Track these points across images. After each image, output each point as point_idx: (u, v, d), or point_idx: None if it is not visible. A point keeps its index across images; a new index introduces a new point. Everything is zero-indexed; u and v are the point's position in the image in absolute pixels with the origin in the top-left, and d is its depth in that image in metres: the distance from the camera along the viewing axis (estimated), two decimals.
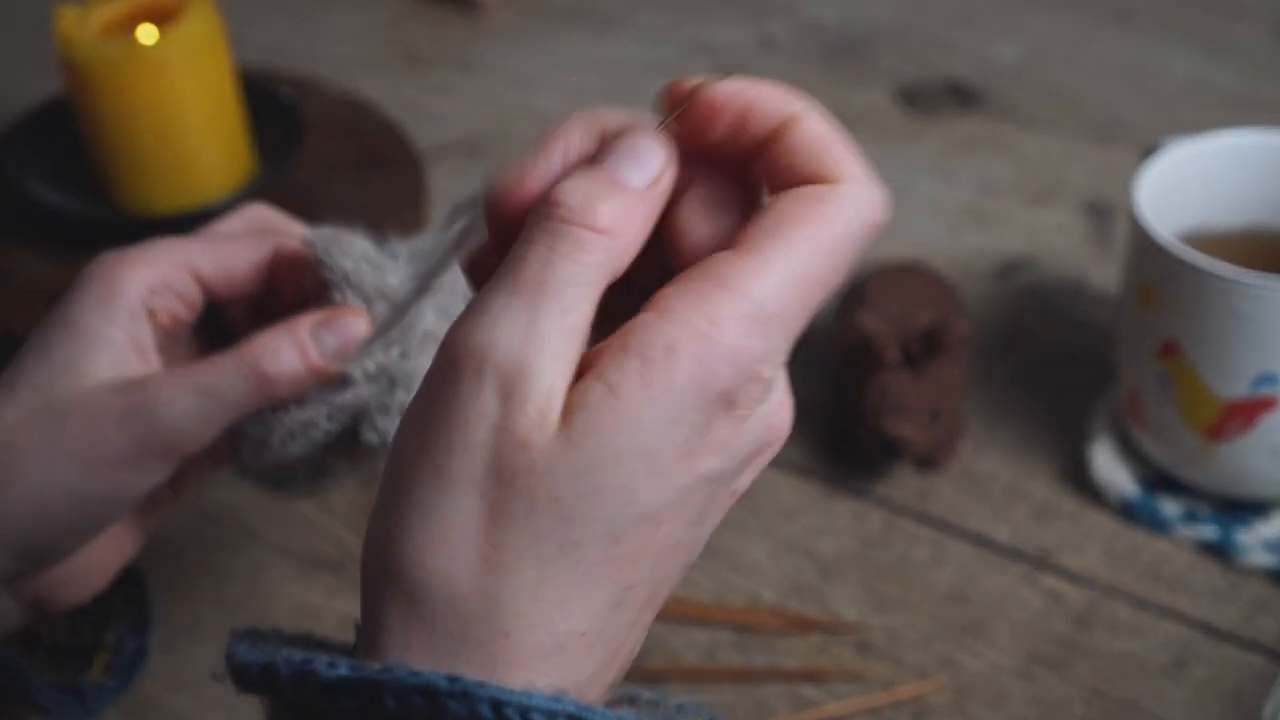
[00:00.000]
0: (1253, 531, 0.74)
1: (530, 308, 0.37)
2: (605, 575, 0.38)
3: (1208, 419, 0.72)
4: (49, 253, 0.87)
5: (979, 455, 0.80)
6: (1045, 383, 0.84)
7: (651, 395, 0.37)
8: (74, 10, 0.84)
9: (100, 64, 0.82)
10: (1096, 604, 0.73)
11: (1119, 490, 0.77)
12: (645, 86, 1.11)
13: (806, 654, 0.71)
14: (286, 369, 0.54)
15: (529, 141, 0.42)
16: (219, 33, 0.85)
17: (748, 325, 0.38)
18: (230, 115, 0.88)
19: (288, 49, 1.13)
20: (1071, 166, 1.01)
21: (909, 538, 0.76)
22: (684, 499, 0.39)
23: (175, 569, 0.75)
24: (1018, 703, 0.69)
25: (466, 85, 1.10)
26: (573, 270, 0.38)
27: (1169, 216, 0.74)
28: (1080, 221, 0.96)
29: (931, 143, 1.03)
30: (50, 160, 0.90)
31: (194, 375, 0.54)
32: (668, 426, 0.37)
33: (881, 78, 1.10)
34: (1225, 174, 0.77)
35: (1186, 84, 1.08)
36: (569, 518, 0.37)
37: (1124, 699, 0.69)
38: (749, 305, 0.38)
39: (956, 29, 1.14)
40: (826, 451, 0.81)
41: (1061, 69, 1.10)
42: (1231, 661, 0.70)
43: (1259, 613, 0.72)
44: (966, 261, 0.93)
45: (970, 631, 0.72)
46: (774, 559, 0.76)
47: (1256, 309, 0.68)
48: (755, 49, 1.13)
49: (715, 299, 0.38)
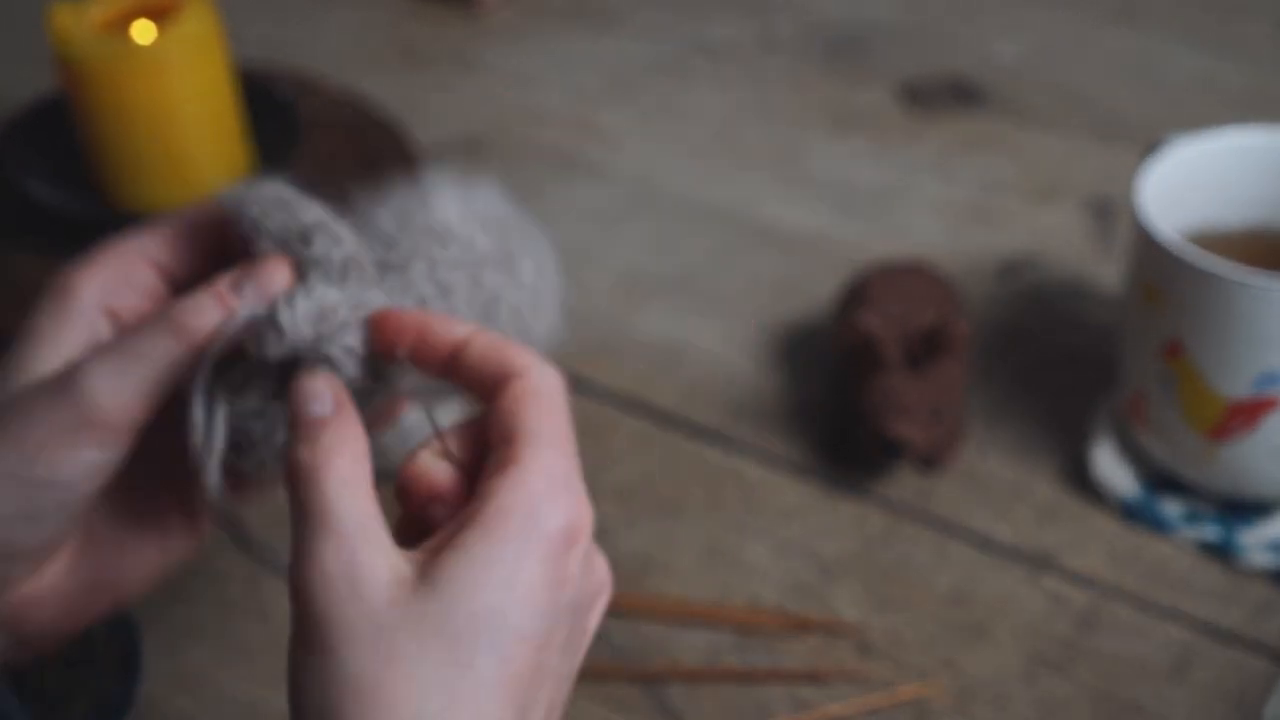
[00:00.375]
0: (1255, 532, 0.74)
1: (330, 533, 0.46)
2: (505, 694, 0.45)
3: (1211, 419, 0.72)
4: (46, 251, 0.86)
5: (980, 455, 0.80)
6: (1047, 383, 0.84)
7: (491, 541, 0.46)
8: (70, 7, 0.84)
9: (97, 61, 0.82)
10: (1098, 605, 0.73)
11: (1120, 491, 0.77)
12: (645, 85, 1.11)
13: (807, 655, 0.71)
14: (207, 319, 0.53)
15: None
16: (216, 30, 0.85)
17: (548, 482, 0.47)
18: (228, 113, 0.87)
19: (286, 46, 1.13)
20: (1074, 165, 1.01)
21: (910, 539, 0.76)
22: (554, 625, 0.46)
23: (176, 570, 0.74)
24: (1019, 704, 0.69)
25: (466, 84, 1.10)
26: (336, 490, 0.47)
27: (1172, 215, 0.74)
28: (1083, 220, 0.96)
29: (933, 141, 1.03)
30: (47, 158, 0.90)
31: (117, 341, 0.53)
32: (518, 561, 0.45)
33: (883, 76, 1.10)
34: (1229, 172, 0.77)
35: (1190, 82, 1.08)
36: (458, 642, 0.45)
37: (1126, 700, 0.69)
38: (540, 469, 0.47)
39: (958, 27, 1.14)
40: (827, 452, 0.81)
41: (1064, 67, 1.10)
42: (1234, 663, 0.70)
43: (1262, 614, 0.72)
44: (968, 261, 0.93)
45: (971, 633, 0.72)
46: (775, 560, 0.76)
47: (1260, 309, 0.68)
48: (756, 47, 1.13)
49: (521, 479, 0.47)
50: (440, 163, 1.01)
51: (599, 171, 1.02)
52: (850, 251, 0.94)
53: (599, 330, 0.89)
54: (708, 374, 0.86)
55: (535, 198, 0.99)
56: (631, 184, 1.01)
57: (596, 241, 0.96)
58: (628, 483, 0.80)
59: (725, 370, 0.86)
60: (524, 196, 0.99)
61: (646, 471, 0.80)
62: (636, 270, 0.93)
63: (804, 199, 0.99)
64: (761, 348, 0.88)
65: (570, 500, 0.47)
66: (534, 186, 1.00)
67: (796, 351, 0.87)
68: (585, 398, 0.85)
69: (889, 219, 0.97)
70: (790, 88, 1.09)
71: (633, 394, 0.85)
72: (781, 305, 0.90)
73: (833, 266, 0.92)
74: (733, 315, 0.90)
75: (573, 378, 0.86)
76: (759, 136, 1.05)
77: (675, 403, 0.84)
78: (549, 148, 1.04)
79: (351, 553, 0.45)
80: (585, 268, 0.93)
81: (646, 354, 0.88)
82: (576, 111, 1.07)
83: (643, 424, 0.83)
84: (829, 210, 0.98)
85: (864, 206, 0.98)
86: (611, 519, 0.78)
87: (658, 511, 0.78)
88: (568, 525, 0.47)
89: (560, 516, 0.47)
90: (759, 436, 0.82)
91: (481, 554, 0.45)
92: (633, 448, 0.82)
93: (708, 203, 0.99)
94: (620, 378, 0.86)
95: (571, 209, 0.98)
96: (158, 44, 0.82)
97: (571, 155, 1.03)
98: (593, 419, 0.83)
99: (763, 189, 1.00)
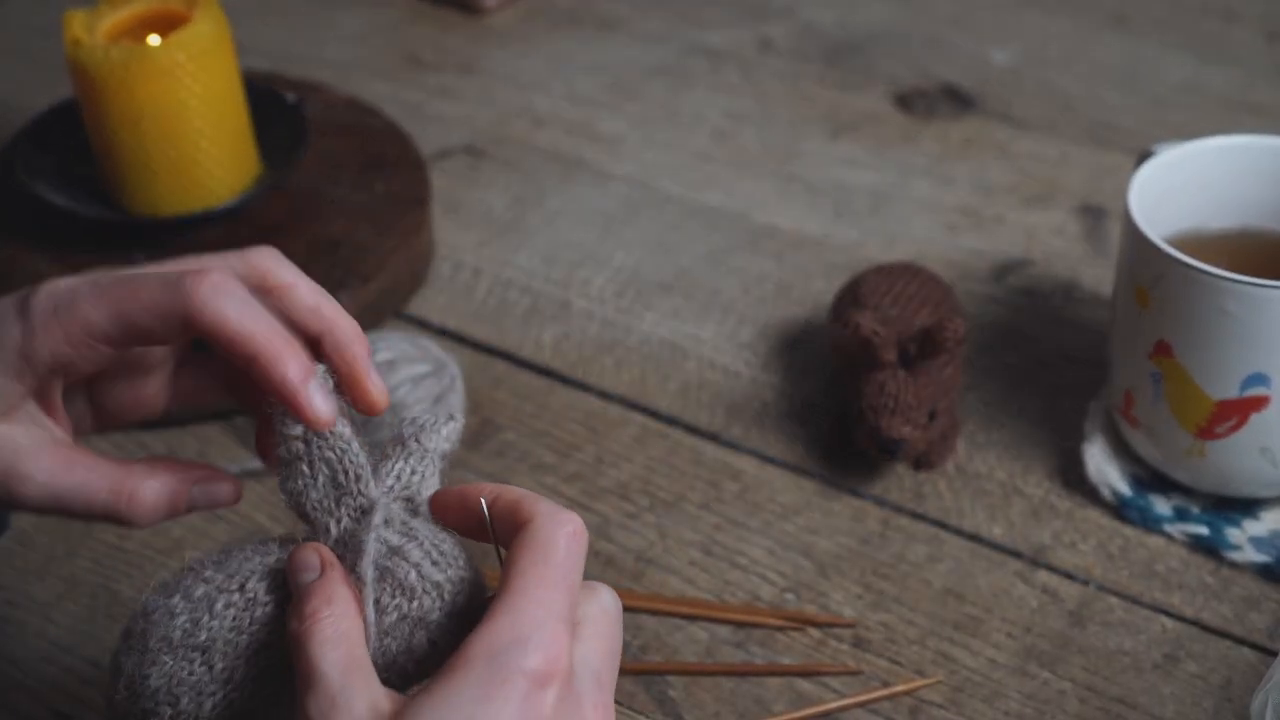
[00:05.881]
0: (1243, 529, 0.75)
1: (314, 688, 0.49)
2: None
3: (1199, 418, 0.73)
4: (58, 255, 0.87)
5: (975, 454, 0.81)
6: (1040, 383, 0.85)
7: (453, 686, 0.47)
8: (83, 15, 0.85)
9: (108, 67, 0.83)
10: (1091, 601, 0.74)
11: (1112, 488, 0.78)
12: (645, 89, 1.12)
13: (804, 651, 0.72)
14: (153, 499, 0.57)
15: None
16: (225, 37, 0.86)
17: (517, 628, 0.48)
18: (236, 118, 0.88)
19: (292, 53, 1.14)
20: (1067, 169, 1.01)
21: (906, 536, 0.77)
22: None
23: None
24: (1013, 698, 0.70)
25: (469, 88, 1.11)
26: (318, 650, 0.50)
27: (1162, 219, 0.75)
28: (1075, 223, 0.97)
29: (928, 145, 1.04)
30: (59, 163, 0.90)
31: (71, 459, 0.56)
32: (478, 703, 0.47)
33: (879, 81, 1.10)
34: (1218, 177, 0.78)
35: (1181, 88, 1.08)
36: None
37: (1117, 694, 0.70)
38: (514, 614, 0.49)
39: (953, 33, 1.15)
40: (824, 451, 0.82)
41: (1057, 73, 1.11)
42: (1223, 657, 0.71)
43: (1249, 609, 0.73)
44: (963, 262, 0.94)
45: (966, 628, 0.73)
46: (772, 557, 0.76)
47: (1247, 310, 0.69)
48: (754, 52, 1.14)
49: (491, 625, 0.49)
50: (443, 166, 1.02)
51: (599, 174, 1.02)
52: (847, 253, 0.95)
53: (599, 330, 0.90)
54: (706, 374, 0.87)
55: (536, 200, 1.00)
56: (631, 186, 1.01)
57: (596, 243, 0.96)
58: (627, 481, 0.80)
59: (723, 370, 0.87)
60: (525, 198, 1.00)
61: (646, 470, 0.81)
62: (636, 271, 0.94)
63: (801, 202, 1.00)
64: (759, 348, 0.89)
65: (544, 641, 0.48)
66: (535, 189, 1.01)
67: (794, 352, 0.88)
68: (585, 397, 0.86)
69: (885, 222, 0.98)
70: (788, 92, 1.10)
71: (632, 394, 0.86)
72: (779, 306, 0.91)
73: (829, 268, 0.93)
74: (731, 316, 0.91)
75: (573, 378, 0.87)
76: (757, 140, 1.05)
77: (674, 402, 0.85)
78: (550, 150, 1.05)
79: (334, 698, 0.48)
80: (585, 269, 0.94)
81: (645, 354, 0.89)
82: (577, 115, 1.08)
83: (642, 423, 0.84)
84: (826, 213, 0.99)
85: (860, 209, 0.99)
86: (611, 517, 0.78)
87: (657, 509, 0.79)
88: (538, 667, 0.48)
89: (530, 659, 0.48)
90: (756, 436, 0.83)
91: (445, 697, 0.47)
92: (632, 447, 0.83)
93: (706, 205, 1.00)
94: (619, 378, 0.87)
95: (572, 211, 0.99)
96: (167, 50, 0.83)
97: (572, 158, 1.04)
98: (592, 419, 0.84)
99: (761, 192, 1.01)
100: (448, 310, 0.92)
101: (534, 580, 0.49)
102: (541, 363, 0.88)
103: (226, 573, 0.53)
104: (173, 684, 0.52)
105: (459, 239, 0.97)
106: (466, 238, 0.97)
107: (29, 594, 0.75)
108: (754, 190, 1.01)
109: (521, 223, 0.98)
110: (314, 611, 0.50)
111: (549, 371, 0.87)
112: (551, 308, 0.92)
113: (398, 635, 0.52)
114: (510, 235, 0.97)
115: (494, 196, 1.01)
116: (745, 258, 0.95)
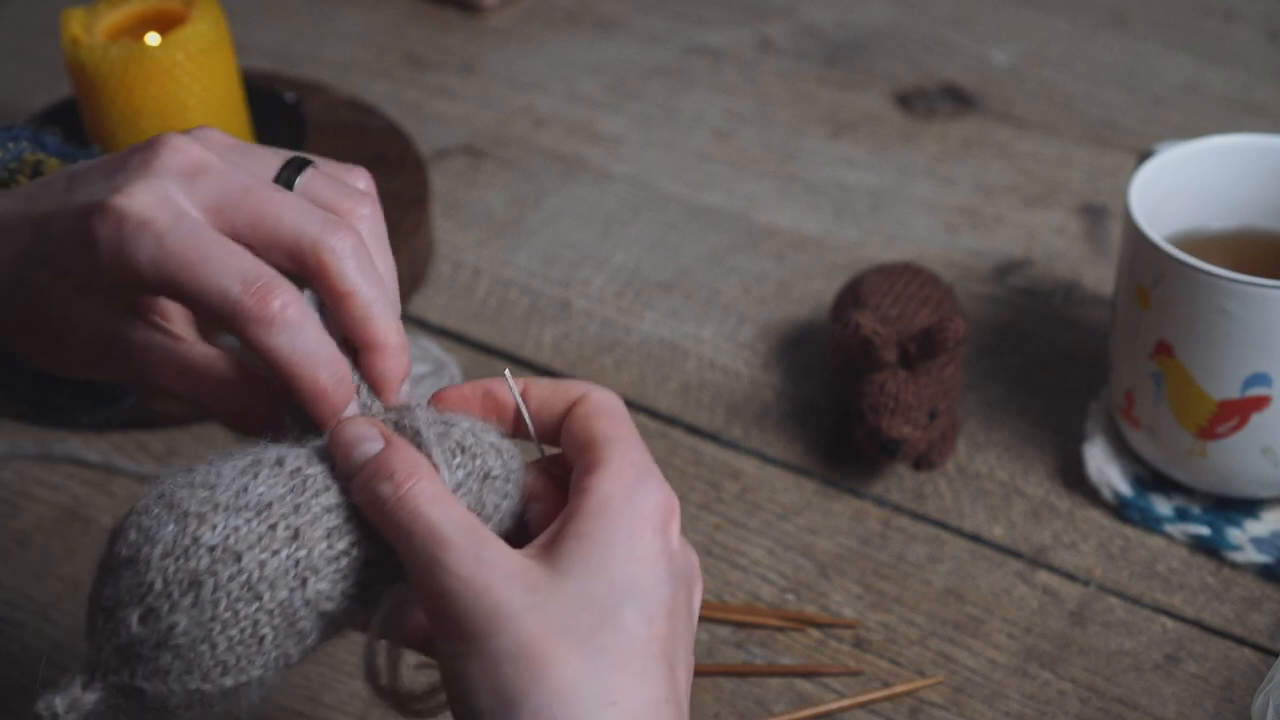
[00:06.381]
0: (1243, 530, 0.75)
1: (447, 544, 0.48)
2: (657, 650, 0.48)
3: (1200, 418, 0.73)
4: None
5: (975, 454, 0.81)
6: (1041, 383, 0.85)
7: (604, 524, 0.49)
8: (81, 14, 0.85)
9: (107, 66, 0.83)
10: (1091, 601, 0.74)
11: (1112, 488, 0.78)
12: (645, 89, 1.12)
13: (805, 651, 0.72)
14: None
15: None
16: (224, 36, 0.86)
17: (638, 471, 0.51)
18: (235, 117, 0.88)
19: (291, 52, 1.14)
20: (1067, 169, 1.01)
21: (906, 536, 0.77)
22: (676, 591, 0.50)
23: None
24: (1013, 699, 0.70)
25: (468, 88, 1.11)
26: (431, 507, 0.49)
27: (1163, 218, 0.75)
28: (1076, 223, 0.97)
29: (929, 145, 1.04)
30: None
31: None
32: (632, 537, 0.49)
33: (879, 80, 1.10)
34: (1219, 177, 0.78)
35: (1181, 87, 1.09)
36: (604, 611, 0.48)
37: (1118, 695, 0.70)
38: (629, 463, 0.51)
39: (954, 32, 1.15)
40: (824, 451, 0.82)
41: (1057, 72, 1.11)
42: (1224, 657, 0.71)
43: (1250, 609, 0.73)
44: (963, 262, 0.94)
45: (966, 629, 0.73)
46: (773, 557, 0.76)
47: (1248, 310, 0.69)
48: (754, 52, 1.14)
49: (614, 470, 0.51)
50: (447, 166, 1.02)
51: (599, 174, 1.03)
52: (847, 253, 0.95)
53: (599, 330, 0.90)
54: (706, 374, 0.87)
55: (536, 200, 1.00)
56: (631, 186, 1.01)
57: (596, 243, 0.96)
58: None
59: (723, 370, 0.87)
60: (525, 198, 1.00)
61: None
62: (636, 272, 0.94)
63: (802, 202, 1.00)
64: (759, 348, 0.89)
65: (659, 484, 0.51)
66: (535, 188, 1.01)
67: (794, 352, 0.88)
68: None
69: (885, 222, 0.98)
70: (788, 92, 1.10)
71: (632, 394, 0.86)
72: (779, 306, 0.91)
73: (829, 268, 0.93)
74: (731, 316, 0.91)
75: (572, 378, 0.87)
76: (757, 140, 1.05)
77: (673, 402, 0.85)
78: (550, 150, 1.05)
79: (477, 552, 0.48)
80: (585, 269, 0.94)
81: (645, 354, 0.89)
82: (577, 115, 1.08)
83: (642, 424, 0.84)
84: (826, 213, 0.99)
85: (860, 209, 0.99)
86: None
87: None
88: (663, 504, 0.51)
89: (656, 497, 0.50)
90: (756, 436, 0.83)
91: (600, 536, 0.49)
92: None
93: (707, 205, 1.00)
94: (619, 378, 0.87)
95: (572, 211, 0.99)
96: (166, 48, 0.83)
97: (572, 158, 1.04)
98: None
99: (761, 192, 1.01)
100: (447, 310, 0.92)
101: (626, 432, 0.52)
102: (541, 363, 0.88)
103: (240, 460, 0.51)
104: (231, 540, 0.48)
105: (458, 239, 0.97)
106: (466, 238, 0.97)
107: (29, 594, 0.75)
108: (754, 190, 1.01)
109: (521, 223, 0.98)
110: (408, 474, 0.49)
111: (549, 371, 0.87)
112: (551, 308, 0.92)
113: (468, 493, 0.52)
114: (510, 235, 0.97)
115: (493, 196, 1.01)
116: (745, 258, 0.95)
